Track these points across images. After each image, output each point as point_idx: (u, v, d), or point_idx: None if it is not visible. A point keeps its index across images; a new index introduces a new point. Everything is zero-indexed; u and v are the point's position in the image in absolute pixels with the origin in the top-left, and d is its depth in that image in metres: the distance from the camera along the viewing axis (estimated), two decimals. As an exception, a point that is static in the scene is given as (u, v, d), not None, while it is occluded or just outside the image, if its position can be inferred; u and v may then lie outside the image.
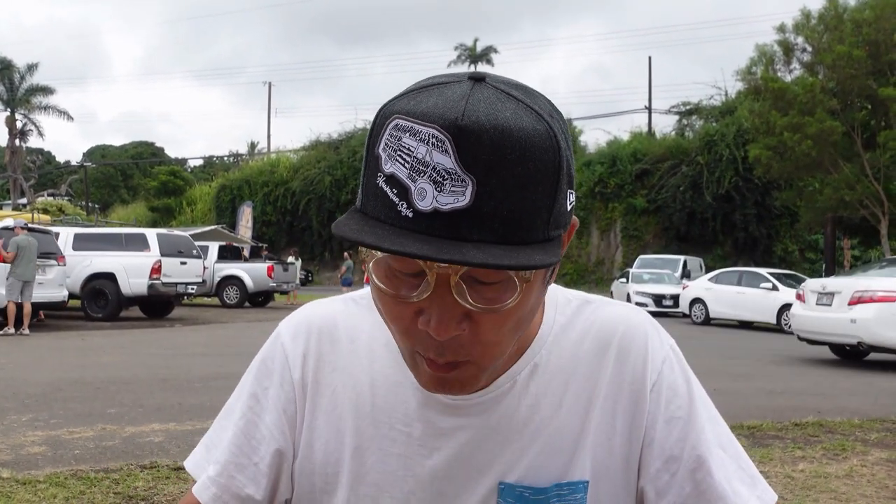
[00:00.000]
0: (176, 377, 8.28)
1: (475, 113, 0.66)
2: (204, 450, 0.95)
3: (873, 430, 6.20)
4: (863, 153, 21.45)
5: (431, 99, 0.68)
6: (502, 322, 0.74)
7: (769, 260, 29.55)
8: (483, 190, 0.65)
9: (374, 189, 0.69)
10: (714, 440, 0.86)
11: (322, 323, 0.93)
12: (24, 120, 50.48)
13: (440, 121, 0.65)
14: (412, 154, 0.66)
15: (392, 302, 0.74)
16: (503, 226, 0.66)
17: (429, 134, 0.65)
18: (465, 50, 49.86)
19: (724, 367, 10.23)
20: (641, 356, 0.87)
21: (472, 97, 0.67)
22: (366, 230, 0.67)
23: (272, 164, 41.71)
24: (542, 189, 0.68)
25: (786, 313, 17.41)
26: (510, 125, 0.66)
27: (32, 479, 4.31)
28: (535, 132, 0.67)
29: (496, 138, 0.65)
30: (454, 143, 0.65)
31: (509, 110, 0.67)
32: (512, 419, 0.85)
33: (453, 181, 0.65)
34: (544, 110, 0.70)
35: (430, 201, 0.65)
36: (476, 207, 0.65)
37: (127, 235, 17.32)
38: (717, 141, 31.09)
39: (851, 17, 21.47)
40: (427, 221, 0.66)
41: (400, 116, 0.68)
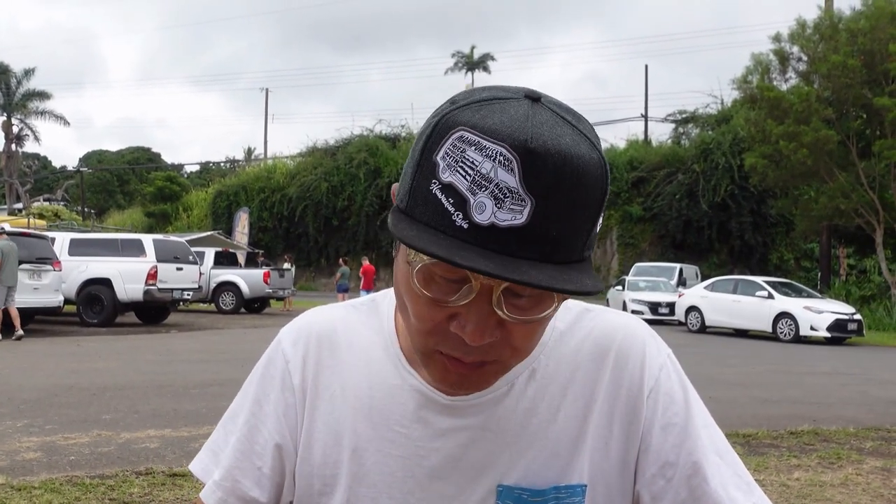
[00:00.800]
0: (171, 383, 8.26)
1: (542, 137, 0.68)
2: (211, 455, 0.97)
3: (868, 439, 6.22)
4: (858, 162, 21.53)
5: (496, 116, 0.69)
6: (534, 330, 0.77)
7: (765, 268, 29.60)
8: (540, 211, 0.67)
9: (426, 195, 0.70)
10: (710, 447, 0.87)
11: (321, 329, 0.94)
12: (21, 125, 50.44)
13: (509, 140, 0.67)
14: (476, 168, 0.67)
15: (427, 304, 0.75)
16: (550, 246, 0.69)
17: (497, 152, 0.67)
18: (462, 57, 50.01)
19: (720, 375, 10.24)
20: (639, 363, 0.89)
21: (535, 118, 0.69)
22: (425, 238, 0.68)
23: (269, 170, 41.67)
24: (588, 214, 0.71)
25: (781, 321, 17.46)
26: (571, 152, 0.68)
27: (27, 486, 4.30)
28: (590, 160, 0.70)
29: (559, 163, 0.67)
30: (521, 164, 0.67)
31: (568, 136, 0.70)
32: (509, 422, 0.86)
33: (514, 200, 0.67)
34: (593, 137, 0.73)
35: (489, 216, 0.67)
36: (531, 227, 0.68)
37: (123, 241, 17.28)
38: (713, 149, 31.16)
39: (846, 27, 21.56)
40: (482, 235, 0.67)
41: (466, 129, 0.69)
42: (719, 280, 20.01)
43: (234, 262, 23.48)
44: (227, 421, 0.97)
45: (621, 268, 32.02)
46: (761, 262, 30.56)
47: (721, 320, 18.77)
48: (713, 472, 0.86)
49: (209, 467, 0.96)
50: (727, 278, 20.31)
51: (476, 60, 49.83)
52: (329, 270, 34.98)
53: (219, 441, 0.97)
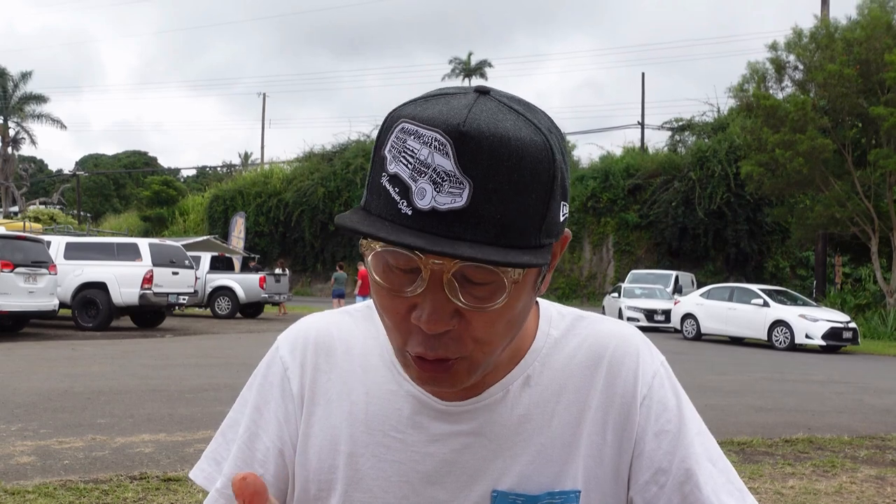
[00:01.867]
0: (166, 388, 8.25)
1: (477, 120, 0.69)
2: (213, 463, 0.97)
3: (863, 448, 6.23)
4: (853, 171, 21.60)
5: (437, 107, 0.72)
6: (492, 322, 0.76)
7: (760, 276, 29.65)
8: (479, 193, 0.69)
9: (378, 188, 0.73)
10: (703, 454, 0.88)
11: (318, 335, 0.95)
12: (17, 128, 50.37)
13: (443, 125, 0.69)
14: (415, 156, 0.70)
15: (388, 296, 0.77)
16: (496, 228, 0.70)
17: (432, 137, 0.69)
18: (459, 63, 50.04)
19: (715, 383, 10.25)
20: (632, 371, 0.89)
21: (476, 107, 0.71)
22: (366, 223, 0.71)
23: (265, 174, 41.67)
24: (535, 196, 0.71)
25: (776, 329, 17.49)
26: (509, 134, 0.70)
27: (21, 490, 4.29)
28: (531, 142, 0.71)
29: (495, 144, 0.69)
30: (455, 146, 0.68)
31: (509, 121, 0.71)
32: (504, 427, 0.87)
33: (452, 183, 0.69)
34: (543, 124, 0.74)
35: (429, 200, 0.69)
36: (472, 209, 0.69)
37: (119, 245, 17.26)
38: (710, 157, 31.24)
39: (843, 37, 21.66)
40: (424, 219, 0.69)
41: (406, 120, 0.71)
42: (715, 288, 20.04)
43: (230, 266, 23.45)
44: (227, 429, 0.97)
45: (617, 275, 32.06)
46: (757, 269, 30.61)
47: (716, 328, 18.80)
48: (706, 479, 0.86)
49: (212, 475, 0.96)
50: (723, 286, 20.34)
51: (473, 67, 49.86)
52: (325, 276, 34.95)
53: (219, 449, 0.97)
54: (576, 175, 35.95)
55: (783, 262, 31.39)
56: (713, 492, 0.86)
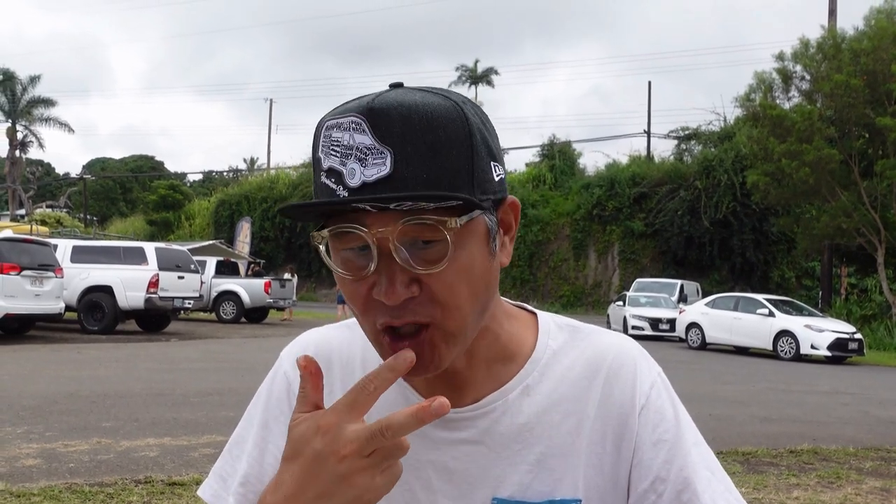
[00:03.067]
0: (171, 392, 8.26)
1: (386, 98, 0.75)
2: (220, 480, 0.97)
3: (868, 459, 6.21)
4: (860, 181, 21.56)
5: (353, 102, 0.78)
6: (451, 284, 0.76)
7: (766, 286, 29.58)
8: (400, 158, 0.73)
9: (319, 186, 0.77)
10: (701, 463, 0.89)
11: (319, 349, 0.97)
12: (25, 131, 50.60)
13: (356, 108, 0.75)
14: (340, 143, 0.75)
15: (350, 283, 0.78)
16: (424, 187, 0.73)
17: (349, 121, 0.75)
18: (465, 70, 50.19)
19: (720, 393, 10.23)
20: (630, 381, 0.91)
21: (387, 92, 0.77)
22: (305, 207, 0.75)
23: (271, 180, 41.79)
24: (455, 153, 0.75)
25: (782, 340, 17.45)
26: (417, 102, 0.75)
27: (27, 492, 4.31)
28: (440, 106, 0.75)
29: (404, 113, 0.74)
30: (368, 121, 0.74)
31: (417, 95, 0.76)
32: (504, 436, 0.88)
33: (374, 155, 0.73)
34: (454, 97, 0.78)
35: (359, 177, 0.73)
36: (397, 174, 0.73)
37: (125, 249, 17.30)
38: (716, 166, 31.21)
39: (849, 47, 21.64)
40: (358, 194, 0.73)
41: (327, 118, 0.77)
42: (720, 297, 20.00)
43: (236, 271, 23.49)
44: (233, 446, 0.98)
45: (622, 283, 32.01)
46: (762, 279, 30.55)
47: (721, 337, 18.75)
48: (703, 487, 0.87)
49: (219, 493, 0.96)
50: (728, 295, 20.29)
51: (480, 74, 50.01)
52: (330, 281, 34.95)
53: (225, 466, 0.98)
54: (581, 183, 35.95)
55: (789, 272, 31.32)
56: (711, 500, 0.87)
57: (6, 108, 50.05)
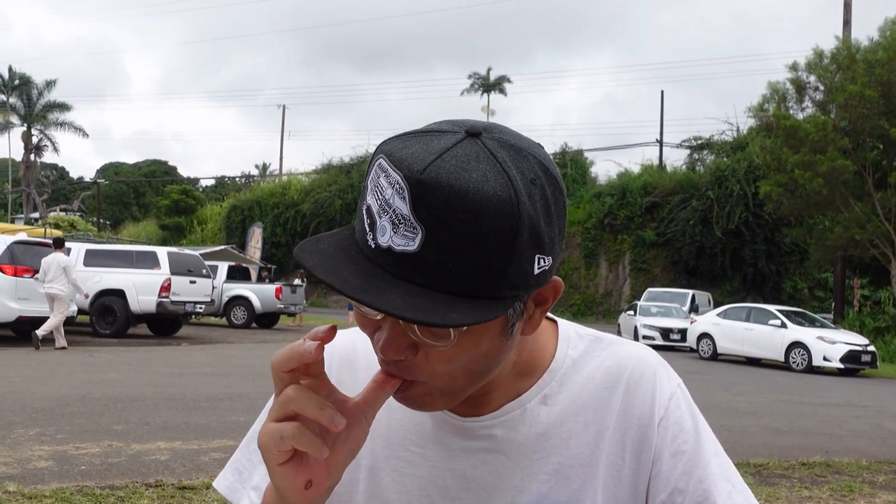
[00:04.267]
0: (182, 396, 8.29)
1: (438, 170, 0.69)
2: (236, 473, 0.98)
3: (881, 473, 6.16)
4: (874, 192, 21.45)
5: (414, 147, 0.72)
6: (450, 358, 0.76)
7: (778, 297, 29.42)
8: (431, 240, 0.69)
9: (359, 212, 0.76)
10: (720, 474, 0.88)
11: (342, 350, 0.97)
12: (40, 135, 51.03)
13: (406, 170, 0.70)
14: (382, 194, 0.71)
15: (359, 314, 0.79)
16: (447, 275, 0.70)
17: (395, 180, 0.70)
18: (478, 79, 50.26)
19: (731, 404, 10.17)
20: (650, 392, 0.90)
21: (450, 153, 0.71)
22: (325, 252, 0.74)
23: (283, 186, 41.95)
24: (493, 250, 0.70)
25: (794, 351, 17.34)
26: (468, 187, 0.68)
27: (38, 494, 4.33)
28: (493, 197, 0.69)
29: (451, 196, 0.68)
30: (411, 193, 0.69)
31: (477, 172, 0.69)
32: (522, 445, 0.88)
33: (406, 226, 0.70)
34: (524, 176, 0.72)
35: (388, 239, 0.71)
36: (423, 254, 0.69)
37: (138, 253, 17.39)
38: (728, 176, 31.12)
39: (864, 58, 21.57)
40: (382, 255, 0.71)
41: (383, 157, 0.73)
42: (732, 307, 19.91)
43: (247, 276, 23.57)
44: (250, 440, 0.98)
45: (633, 292, 31.92)
46: (774, 290, 30.39)
47: (733, 348, 18.65)
48: (723, 500, 0.86)
49: (234, 485, 0.97)
50: (740, 306, 20.20)
51: (492, 82, 50.06)
52: (340, 287, 34.98)
53: (241, 460, 0.98)
54: (593, 192, 35.90)
55: (801, 283, 31.16)
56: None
57: (22, 112, 50.51)
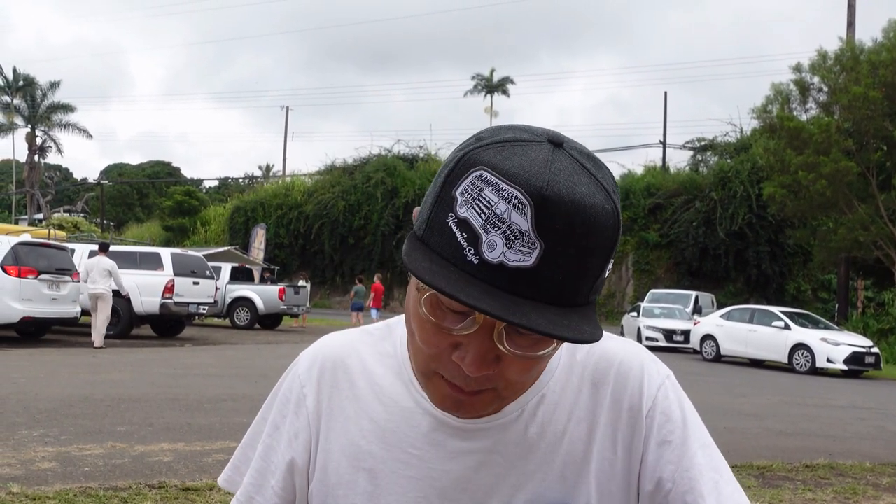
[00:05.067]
0: (185, 397, 8.29)
1: (557, 184, 0.71)
2: (236, 470, 1.03)
3: (885, 475, 6.14)
4: (878, 194, 21.40)
5: (516, 159, 0.72)
6: (529, 367, 0.80)
7: (781, 298, 29.35)
8: (548, 255, 0.70)
9: (442, 226, 0.73)
10: (707, 465, 0.89)
11: (336, 353, 0.98)
12: (44, 136, 51.14)
13: (526, 185, 0.70)
14: (491, 207, 0.70)
15: (433, 330, 0.79)
16: (556, 289, 0.72)
17: (512, 195, 0.70)
18: (481, 80, 50.30)
19: (735, 406, 10.16)
20: (638, 383, 0.92)
21: (554, 164, 0.72)
22: (436, 270, 0.71)
23: (287, 187, 41.95)
24: (597, 261, 0.74)
25: (797, 353, 17.30)
26: (585, 201, 0.71)
27: (42, 495, 4.33)
28: (603, 210, 0.72)
29: (571, 211, 0.70)
30: (535, 208, 0.70)
31: (584, 185, 0.72)
32: (518, 445, 0.89)
33: (524, 242, 0.70)
34: (610, 185, 0.75)
35: (499, 255, 0.70)
36: (538, 269, 0.70)
37: (141, 254, 17.42)
38: (732, 177, 31.08)
39: (868, 59, 21.53)
40: (491, 272, 0.71)
41: (486, 169, 0.72)
42: (735, 309, 19.88)
43: (250, 277, 23.59)
44: (250, 439, 1.03)
45: (636, 294, 31.88)
46: (778, 292, 30.33)
47: (736, 350, 18.63)
48: (709, 490, 0.87)
49: (234, 478, 1.02)
50: (743, 307, 20.18)
51: (495, 84, 50.10)
52: (344, 289, 35.04)
53: (241, 458, 1.03)
54: (596, 193, 35.81)
55: (805, 284, 31.09)
56: (716, 502, 0.87)
57: (26, 113, 50.63)
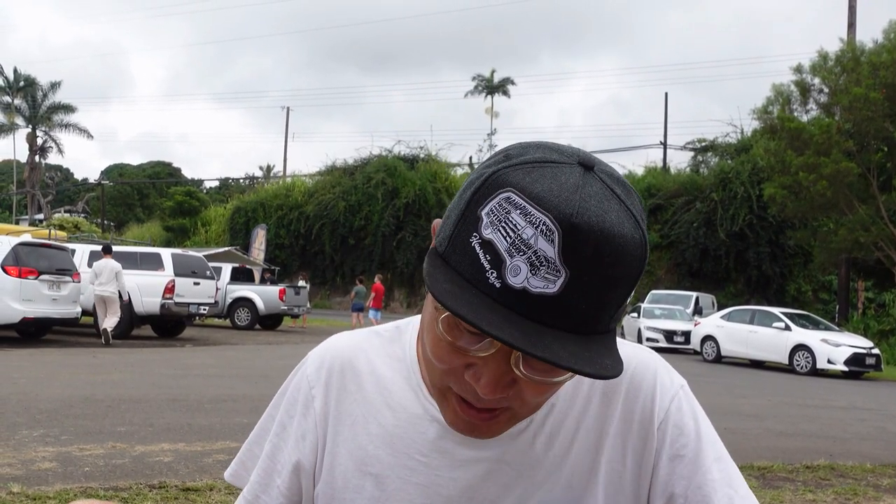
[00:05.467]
0: (186, 397, 8.29)
1: (587, 212, 0.68)
2: (241, 465, 1.03)
3: (885, 476, 6.14)
4: (878, 195, 21.40)
5: (545, 182, 0.70)
6: (546, 390, 0.79)
7: (782, 299, 29.34)
8: (573, 284, 0.68)
9: (465, 246, 0.71)
10: (721, 480, 0.87)
11: (345, 355, 0.97)
12: (45, 137, 51.16)
13: (555, 212, 0.68)
14: (517, 231, 0.68)
15: (448, 348, 0.77)
16: (579, 317, 0.70)
17: (540, 220, 0.68)
18: (482, 81, 50.28)
19: (735, 407, 10.15)
20: (650, 394, 0.90)
21: (584, 190, 0.70)
22: (457, 293, 0.69)
23: (287, 187, 41.95)
24: (622, 290, 0.72)
25: (798, 354, 17.30)
26: (614, 231, 0.69)
27: (42, 495, 4.33)
28: (631, 239, 0.70)
29: (600, 241, 0.68)
30: (562, 236, 0.67)
31: (613, 213, 0.70)
32: (527, 455, 0.88)
33: (549, 269, 0.68)
34: (638, 212, 0.73)
35: (522, 280, 0.68)
36: (562, 297, 0.68)
37: (142, 254, 17.42)
38: (732, 178, 31.07)
39: (868, 60, 21.52)
40: (513, 297, 0.69)
41: (514, 191, 0.70)
42: (736, 310, 19.88)
43: (251, 278, 23.59)
44: (257, 436, 1.02)
45: (637, 295, 31.86)
46: (778, 293, 30.31)
47: (737, 350, 18.62)
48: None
49: (239, 473, 1.02)
50: (744, 308, 20.17)
51: (496, 84, 50.08)
52: (344, 289, 35.04)
53: (247, 454, 1.02)
54: (597, 194, 35.80)
55: (805, 285, 31.07)
56: None
57: (27, 113, 50.65)
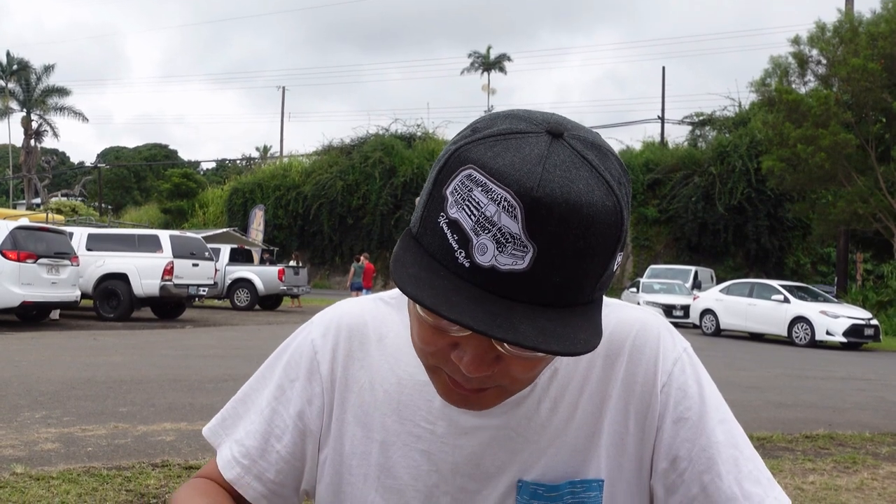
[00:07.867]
0: (187, 378, 8.32)
1: (550, 184, 0.66)
2: (221, 421, 1.01)
3: (884, 444, 6.18)
4: (877, 166, 21.37)
5: (508, 155, 0.68)
6: (534, 365, 0.77)
7: (781, 272, 29.41)
8: (542, 258, 0.66)
9: (434, 226, 0.70)
10: (726, 442, 0.86)
11: (352, 321, 0.96)
12: (40, 121, 50.91)
13: (515, 186, 0.66)
14: (480, 209, 0.67)
15: (430, 329, 0.76)
16: (554, 290, 0.68)
17: (502, 196, 0.66)
18: (478, 57, 49.99)
19: (735, 379, 10.20)
20: (653, 357, 0.89)
21: (549, 161, 0.67)
22: (422, 278, 0.68)
23: (284, 168, 41.87)
24: (598, 260, 0.69)
25: (797, 326, 17.36)
26: (581, 200, 0.66)
27: (45, 475, 4.35)
28: (602, 207, 0.67)
29: (565, 212, 0.66)
30: (525, 211, 0.65)
31: (582, 181, 0.67)
32: (531, 421, 0.88)
33: (515, 245, 0.66)
34: (615, 178, 0.70)
35: (490, 258, 0.66)
36: (532, 272, 0.67)
37: (140, 237, 17.40)
38: (730, 152, 31.02)
39: (866, 31, 21.41)
40: (482, 276, 0.67)
41: (475, 168, 0.68)
42: (735, 283, 19.92)
43: (250, 259, 23.61)
44: (246, 397, 1.00)
45: (636, 270, 31.92)
46: (777, 265, 30.37)
47: (736, 324, 18.68)
48: (728, 469, 0.85)
49: (217, 431, 1.00)
50: (743, 282, 20.21)
51: (492, 61, 49.78)
52: (343, 269, 35.08)
53: (230, 411, 1.00)
54: (595, 169, 35.74)
55: (804, 258, 31.12)
56: (735, 481, 0.85)
57: (21, 97, 50.38)
